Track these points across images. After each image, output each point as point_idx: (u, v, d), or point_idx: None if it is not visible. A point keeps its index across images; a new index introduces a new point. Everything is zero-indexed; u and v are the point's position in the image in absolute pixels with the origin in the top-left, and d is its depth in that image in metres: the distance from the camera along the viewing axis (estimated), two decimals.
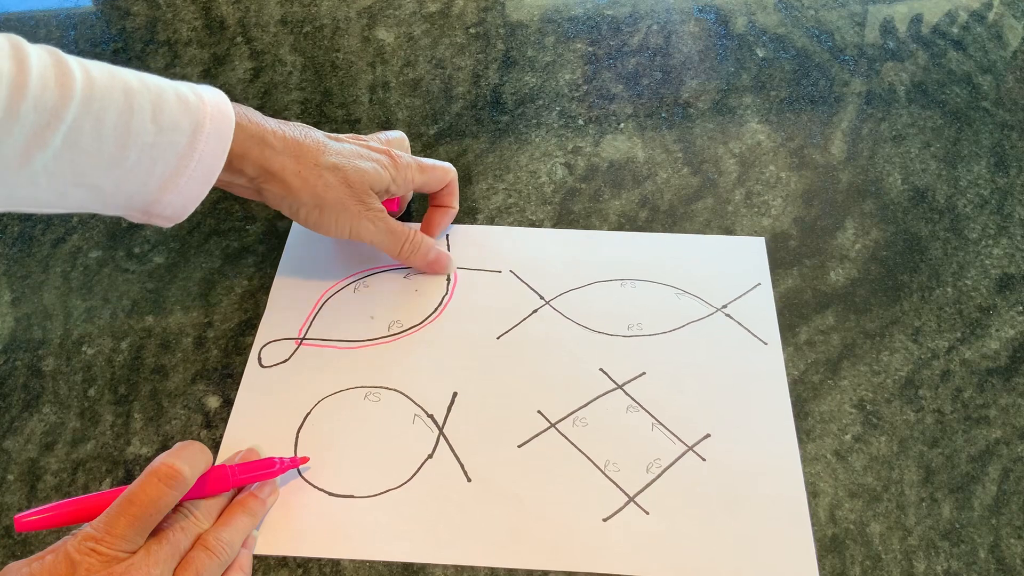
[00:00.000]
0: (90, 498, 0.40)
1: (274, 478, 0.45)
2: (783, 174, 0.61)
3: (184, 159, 0.43)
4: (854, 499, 0.45)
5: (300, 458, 0.46)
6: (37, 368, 0.51)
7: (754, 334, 0.51)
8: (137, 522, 0.38)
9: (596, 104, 0.67)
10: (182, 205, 0.45)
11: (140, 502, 0.38)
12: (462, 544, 0.43)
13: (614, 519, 0.44)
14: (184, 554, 0.40)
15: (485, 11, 0.75)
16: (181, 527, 0.40)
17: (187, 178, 0.44)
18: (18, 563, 0.38)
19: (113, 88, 0.41)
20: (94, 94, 0.40)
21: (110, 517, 0.38)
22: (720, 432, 0.47)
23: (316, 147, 0.49)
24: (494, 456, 0.46)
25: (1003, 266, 0.56)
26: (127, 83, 0.42)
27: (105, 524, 0.38)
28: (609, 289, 0.54)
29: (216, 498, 0.42)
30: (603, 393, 0.49)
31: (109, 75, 0.42)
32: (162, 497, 0.39)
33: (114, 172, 0.42)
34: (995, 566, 0.42)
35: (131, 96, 0.41)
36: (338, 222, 0.50)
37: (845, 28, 0.73)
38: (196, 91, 0.44)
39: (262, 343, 0.52)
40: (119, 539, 0.38)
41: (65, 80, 0.39)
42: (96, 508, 0.39)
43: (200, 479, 0.41)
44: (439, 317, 0.53)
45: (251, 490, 0.44)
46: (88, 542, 0.38)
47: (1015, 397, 0.49)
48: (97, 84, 0.41)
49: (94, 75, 0.41)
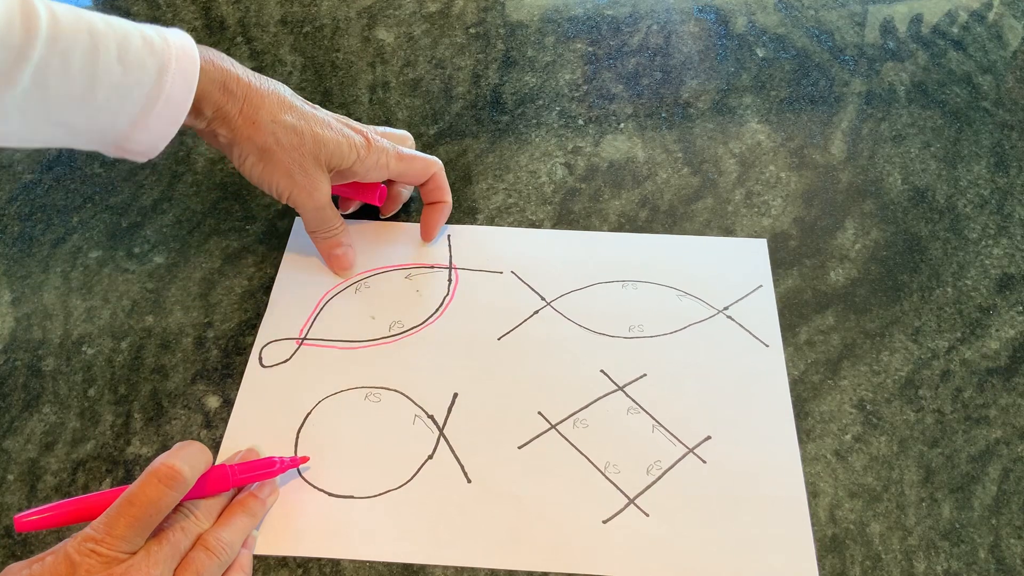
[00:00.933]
0: (90, 498, 0.40)
1: (274, 478, 0.45)
2: (783, 174, 0.61)
3: (151, 98, 0.45)
4: (854, 499, 0.45)
5: (300, 458, 0.46)
6: (37, 368, 0.51)
7: (755, 336, 0.51)
8: (137, 523, 0.38)
9: (596, 104, 0.67)
10: (152, 143, 0.47)
11: (140, 503, 0.38)
12: (462, 545, 0.43)
13: (614, 521, 0.44)
14: (184, 554, 0.40)
15: (485, 11, 0.75)
16: (181, 527, 0.40)
17: (155, 116, 0.45)
18: (18, 564, 0.38)
19: (79, 29, 0.42)
20: (60, 34, 0.42)
21: (110, 518, 0.38)
22: (721, 434, 0.47)
23: (279, 103, 0.49)
24: (494, 457, 0.46)
25: (1003, 266, 0.56)
26: (92, 24, 0.43)
27: (105, 525, 0.38)
28: (610, 290, 0.54)
29: (216, 498, 0.42)
30: (604, 395, 0.49)
31: (75, 16, 0.43)
32: (162, 498, 0.39)
33: (84, 110, 0.43)
34: (995, 566, 0.42)
35: (96, 36, 0.43)
36: (277, 183, 0.50)
37: (845, 28, 0.73)
38: (162, 33, 0.46)
39: (263, 343, 0.52)
40: (119, 540, 0.38)
41: (30, 21, 0.41)
42: (96, 508, 0.39)
43: (200, 479, 0.41)
44: (440, 318, 0.53)
45: (251, 490, 0.44)
46: (88, 543, 0.37)
47: (1015, 397, 0.49)
48: (62, 24, 0.42)
49: (59, 15, 0.42)
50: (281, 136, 0.49)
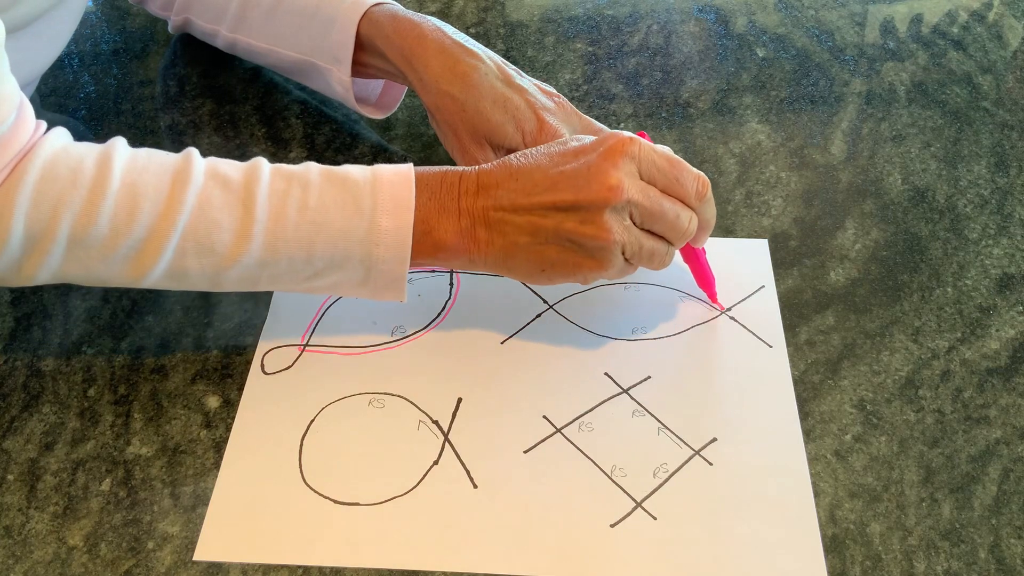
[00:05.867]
0: None
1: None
2: (783, 174, 0.61)
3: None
4: (854, 499, 0.45)
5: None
6: (37, 368, 0.51)
7: (759, 336, 0.52)
8: None
9: (596, 104, 0.67)
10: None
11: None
12: (469, 551, 0.43)
13: (621, 525, 0.44)
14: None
15: (485, 11, 0.75)
16: None
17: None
18: None
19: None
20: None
21: None
22: (726, 436, 0.47)
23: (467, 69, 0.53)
24: (500, 462, 0.46)
25: (1003, 266, 0.56)
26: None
27: None
28: (613, 292, 0.54)
29: None
30: (608, 397, 0.49)
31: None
32: None
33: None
34: (995, 566, 0.43)
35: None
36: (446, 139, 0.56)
37: (845, 28, 0.74)
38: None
39: (264, 350, 0.51)
40: None
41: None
42: None
43: None
44: (442, 322, 0.53)
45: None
46: None
47: (1015, 397, 0.49)
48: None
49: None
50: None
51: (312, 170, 0.45)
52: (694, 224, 0.46)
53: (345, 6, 0.56)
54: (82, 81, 0.69)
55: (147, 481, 0.46)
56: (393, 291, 0.47)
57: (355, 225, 0.44)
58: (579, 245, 0.44)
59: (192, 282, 0.45)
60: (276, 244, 0.44)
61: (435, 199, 0.46)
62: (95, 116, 0.67)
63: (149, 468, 0.46)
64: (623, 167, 0.44)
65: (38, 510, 0.45)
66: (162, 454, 0.47)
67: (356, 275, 0.45)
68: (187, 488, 0.45)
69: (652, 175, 0.45)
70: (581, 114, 0.55)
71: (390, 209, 0.44)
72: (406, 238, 0.44)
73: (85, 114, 0.67)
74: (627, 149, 0.44)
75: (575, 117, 0.55)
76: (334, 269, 0.45)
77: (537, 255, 0.45)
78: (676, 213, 0.45)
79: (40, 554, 0.43)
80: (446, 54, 0.53)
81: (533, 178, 0.45)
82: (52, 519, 0.44)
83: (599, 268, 0.45)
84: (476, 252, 0.46)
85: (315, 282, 0.46)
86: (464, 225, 0.45)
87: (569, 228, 0.44)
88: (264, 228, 0.44)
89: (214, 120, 0.66)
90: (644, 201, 0.44)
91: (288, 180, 0.45)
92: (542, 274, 0.46)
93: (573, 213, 0.44)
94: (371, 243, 0.44)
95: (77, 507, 0.45)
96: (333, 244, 0.44)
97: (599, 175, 0.43)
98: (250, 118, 0.66)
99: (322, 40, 0.57)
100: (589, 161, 0.44)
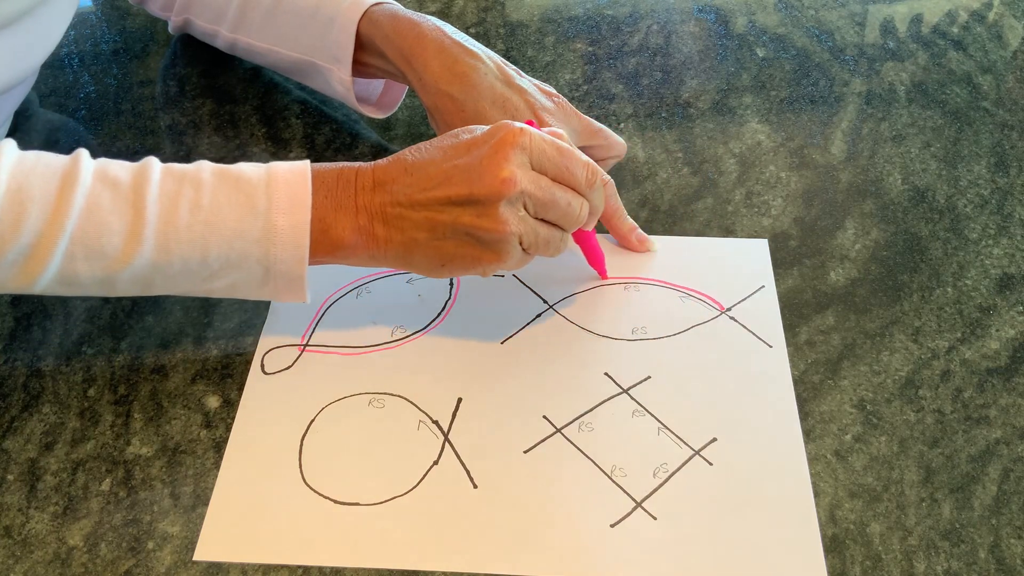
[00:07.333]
0: None
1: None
2: (783, 174, 0.61)
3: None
4: (854, 499, 0.45)
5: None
6: (37, 368, 0.51)
7: (759, 337, 0.52)
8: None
9: (596, 104, 0.67)
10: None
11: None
12: (469, 551, 0.43)
13: (621, 525, 0.44)
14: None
15: (485, 11, 0.75)
16: None
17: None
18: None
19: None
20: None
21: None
22: (726, 436, 0.47)
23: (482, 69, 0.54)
24: (500, 462, 0.46)
25: (1003, 266, 0.56)
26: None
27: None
28: (613, 293, 0.54)
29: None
30: (608, 398, 0.49)
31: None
32: None
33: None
34: (995, 566, 0.43)
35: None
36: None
37: (845, 28, 0.74)
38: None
39: (264, 350, 0.51)
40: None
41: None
42: None
43: None
44: (442, 322, 0.53)
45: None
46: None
47: (1015, 397, 0.49)
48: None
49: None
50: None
51: (205, 169, 0.45)
52: (585, 210, 0.47)
53: (345, 6, 0.56)
54: (82, 81, 0.70)
55: (147, 481, 0.46)
56: (294, 292, 0.46)
57: (250, 225, 0.44)
58: (477, 239, 0.45)
59: (84, 287, 0.44)
60: (168, 245, 0.43)
61: (332, 197, 0.45)
62: (95, 116, 0.67)
63: (149, 468, 0.46)
64: (514, 159, 0.44)
65: (38, 510, 0.45)
66: (162, 454, 0.47)
67: (255, 276, 0.45)
68: (187, 488, 0.45)
69: (543, 165, 0.45)
70: (581, 114, 0.55)
71: (286, 208, 0.44)
72: (303, 237, 0.44)
73: (85, 114, 0.67)
74: (518, 140, 0.44)
75: (575, 117, 0.55)
76: (231, 269, 0.45)
77: (436, 250, 0.45)
78: (568, 201, 0.45)
79: (40, 554, 0.43)
80: (445, 54, 0.53)
81: (427, 172, 0.45)
82: (52, 519, 0.44)
83: (497, 260, 0.45)
84: (376, 249, 0.46)
85: (213, 283, 0.45)
86: (362, 222, 0.45)
87: (466, 222, 0.44)
88: (155, 230, 0.43)
89: (214, 120, 0.66)
90: (537, 192, 0.44)
91: (179, 180, 0.44)
92: (442, 268, 0.46)
93: (469, 207, 0.44)
94: (268, 243, 0.44)
95: (77, 507, 0.45)
96: (228, 244, 0.44)
97: (492, 168, 0.43)
98: (250, 118, 0.66)
99: (322, 40, 0.57)
100: (481, 154, 0.44)
